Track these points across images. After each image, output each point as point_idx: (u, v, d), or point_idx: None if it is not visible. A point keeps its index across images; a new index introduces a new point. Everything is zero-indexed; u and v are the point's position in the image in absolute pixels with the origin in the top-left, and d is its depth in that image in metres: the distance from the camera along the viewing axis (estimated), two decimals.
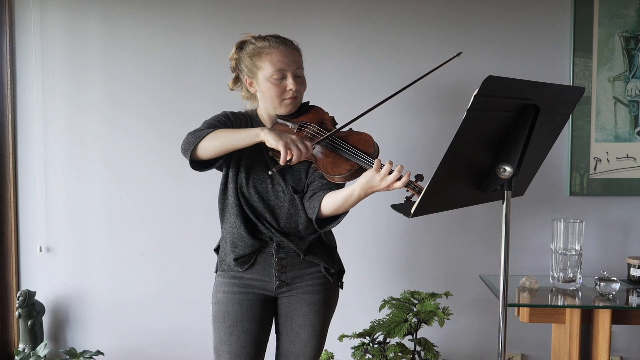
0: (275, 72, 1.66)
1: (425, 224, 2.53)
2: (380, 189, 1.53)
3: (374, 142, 1.65)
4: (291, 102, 1.71)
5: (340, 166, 1.61)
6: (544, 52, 2.48)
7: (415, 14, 2.50)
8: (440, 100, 2.50)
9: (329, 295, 1.81)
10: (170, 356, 2.63)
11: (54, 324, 2.67)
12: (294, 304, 1.77)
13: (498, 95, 1.26)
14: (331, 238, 1.86)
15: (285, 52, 1.68)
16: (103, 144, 2.59)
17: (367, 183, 1.53)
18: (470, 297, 2.56)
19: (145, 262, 2.61)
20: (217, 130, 1.61)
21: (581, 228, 2.13)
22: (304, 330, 1.77)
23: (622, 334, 2.54)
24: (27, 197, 2.63)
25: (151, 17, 2.54)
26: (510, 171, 1.35)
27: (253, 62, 1.70)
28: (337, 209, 1.63)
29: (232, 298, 1.74)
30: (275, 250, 1.74)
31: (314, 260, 1.76)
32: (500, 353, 1.42)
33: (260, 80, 1.69)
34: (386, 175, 1.50)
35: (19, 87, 2.60)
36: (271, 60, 1.67)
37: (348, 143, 1.63)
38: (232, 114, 1.76)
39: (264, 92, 1.70)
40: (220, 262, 1.80)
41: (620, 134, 2.47)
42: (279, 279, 1.75)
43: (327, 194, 1.65)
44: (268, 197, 1.72)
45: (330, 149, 1.64)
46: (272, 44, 1.68)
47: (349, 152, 1.61)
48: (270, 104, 1.72)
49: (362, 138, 1.65)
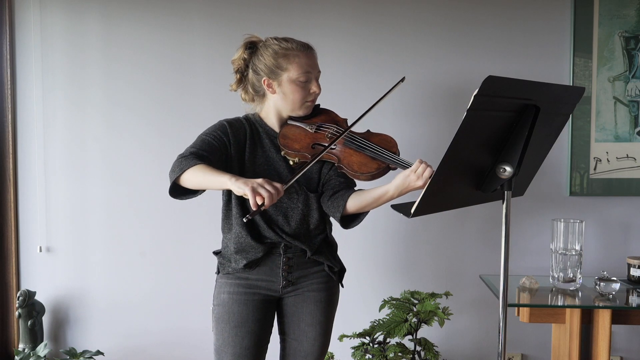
0: (302, 75, 1.69)
1: (425, 224, 2.53)
2: (415, 188, 1.56)
3: (396, 142, 1.70)
4: (311, 104, 1.75)
5: (367, 165, 1.65)
6: (544, 52, 2.48)
7: (416, 13, 2.50)
8: (440, 101, 2.50)
9: (333, 294, 1.83)
10: (170, 356, 2.63)
11: (54, 324, 2.67)
12: (300, 303, 1.78)
13: (498, 95, 1.25)
14: (332, 237, 1.87)
15: (310, 56, 1.72)
16: (103, 144, 2.59)
17: (404, 183, 1.57)
18: (470, 297, 2.56)
19: (145, 262, 2.61)
20: (198, 167, 1.55)
21: (581, 228, 2.13)
22: (311, 328, 1.78)
23: (622, 334, 2.54)
24: (27, 197, 2.63)
25: (151, 16, 2.54)
26: (510, 171, 1.35)
27: (278, 63, 1.69)
28: (365, 207, 1.66)
29: (238, 299, 1.74)
30: (283, 251, 1.74)
31: (319, 259, 1.77)
32: (500, 353, 1.42)
33: (284, 82, 1.69)
34: (422, 174, 1.53)
35: (19, 87, 2.60)
36: (299, 62, 1.69)
37: (372, 142, 1.68)
38: (229, 123, 1.72)
39: (286, 93, 1.71)
40: (223, 265, 1.79)
41: (620, 134, 2.47)
42: (286, 278, 1.75)
43: (351, 192, 1.68)
44: (281, 200, 1.70)
45: (354, 149, 1.67)
46: (299, 47, 1.70)
47: (375, 151, 1.65)
48: (289, 106, 1.73)
49: (385, 139, 1.71)
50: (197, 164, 1.55)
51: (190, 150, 1.63)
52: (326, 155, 1.69)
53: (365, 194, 1.65)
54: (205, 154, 1.62)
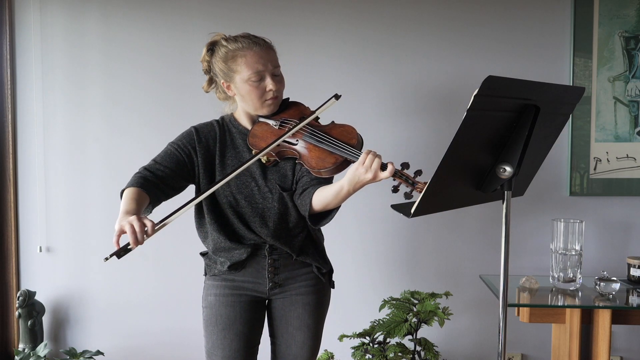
0: (253, 75, 1.62)
1: (425, 224, 2.53)
2: (367, 181, 1.48)
3: (357, 134, 1.62)
4: (272, 102, 1.67)
5: (325, 160, 1.57)
6: (544, 52, 2.48)
7: (416, 13, 2.50)
8: (440, 101, 2.50)
9: (322, 296, 1.79)
10: (170, 356, 2.63)
11: (54, 324, 2.67)
12: (288, 306, 1.75)
13: (498, 95, 1.25)
14: (320, 236, 1.83)
15: (260, 53, 1.63)
16: (103, 144, 2.59)
17: (354, 177, 1.49)
18: (470, 297, 2.56)
19: (145, 262, 2.61)
20: (128, 191, 1.58)
21: (581, 228, 2.13)
22: (299, 332, 1.76)
23: (622, 334, 2.54)
24: (27, 197, 2.63)
25: (151, 16, 2.54)
26: (510, 171, 1.35)
27: (228, 66, 1.65)
28: (328, 204, 1.58)
29: (224, 301, 1.73)
30: (268, 252, 1.71)
31: (306, 260, 1.74)
32: (500, 353, 1.42)
33: (239, 83, 1.65)
34: (370, 166, 1.46)
35: (19, 87, 2.60)
36: (247, 62, 1.62)
37: (331, 136, 1.60)
38: (198, 130, 1.72)
39: (243, 95, 1.66)
40: (209, 266, 1.78)
41: (620, 134, 2.47)
42: (272, 280, 1.72)
43: (317, 189, 1.61)
44: (255, 200, 1.68)
45: (313, 143, 1.61)
46: (245, 46, 1.63)
47: (332, 144, 1.58)
48: (251, 106, 1.68)
49: (345, 130, 1.62)
50: (130, 187, 1.59)
51: (146, 166, 1.68)
52: (289, 152, 1.64)
53: (325, 190, 1.58)
54: (159, 171, 1.65)
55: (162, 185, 1.65)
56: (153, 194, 1.61)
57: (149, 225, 1.43)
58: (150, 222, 1.43)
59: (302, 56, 2.50)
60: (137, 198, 1.56)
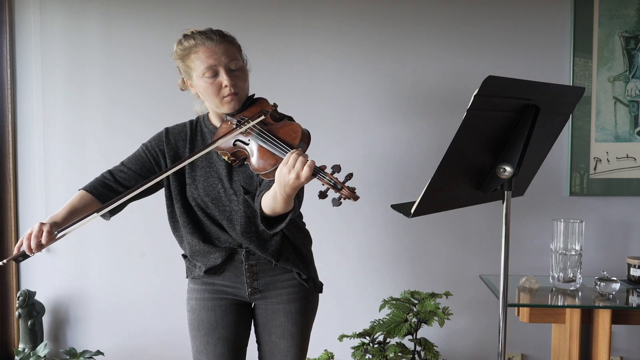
0: (206, 70, 1.56)
1: (425, 224, 2.53)
2: (293, 182, 1.37)
3: (301, 133, 1.50)
4: (232, 99, 1.59)
5: (266, 161, 1.48)
6: (544, 52, 2.48)
7: (415, 14, 2.50)
8: (440, 101, 2.50)
9: (306, 303, 1.72)
10: (170, 356, 2.63)
11: (54, 324, 2.67)
12: (270, 315, 1.70)
13: (498, 95, 1.26)
14: (303, 241, 1.74)
15: (212, 47, 1.56)
16: (103, 144, 2.59)
17: (279, 177, 1.39)
18: (470, 297, 2.56)
19: (145, 263, 2.61)
20: (77, 194, 1.65)
21: (581, 228, 2.13)
22: (282, 340, 1.71)
23: (622, 334, 2.54)
24: (27, 197, 2.63)
25: (151, 16, 2.54)
26: (510, 171, 1.35)
27: (185, 64, 1.61)
28: (274, 208, 1.48)
29: (205, 305, 1.70)
30: (244, 257, 1.66)
31: (286, 266, 1.67)
32: (500, 353, 1.42)
33: (195, 81, 1.60)
34: (294, 166, 1.36)
35: (19, 87, 2.60)
36: (199, 58, 1.57)
37: (276, 135, 1.51)
38: (169, 131, 1.70)
39: (202, 92, 1.61)
40: (190, 269, 1.76)
41: (620, 134, 2.47)
42: (251, 285, 1.68)
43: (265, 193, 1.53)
44: (222, 202, 1.63)
45: (259, 143, 1.51)
46: (198, 41, 1.57)
47: (275, 145, 1.48)
48: (211, 104, 1.62)
49: (290, 129, 1.51)
50: (81, 190, 1.65)
51: (112, 169, 1.73)
52: (241, 152, 1.56)
53: (267, 194, 1.49)
54: (121, 175, 1.69)
55: (121, 189, 1.66)
56: (107, 198, 1.63)
57: (45, 235, 1.48)
58: (47, 233, 1.48)
59: (301, 56, 2.50)
60: (77, 203, 1.61)
